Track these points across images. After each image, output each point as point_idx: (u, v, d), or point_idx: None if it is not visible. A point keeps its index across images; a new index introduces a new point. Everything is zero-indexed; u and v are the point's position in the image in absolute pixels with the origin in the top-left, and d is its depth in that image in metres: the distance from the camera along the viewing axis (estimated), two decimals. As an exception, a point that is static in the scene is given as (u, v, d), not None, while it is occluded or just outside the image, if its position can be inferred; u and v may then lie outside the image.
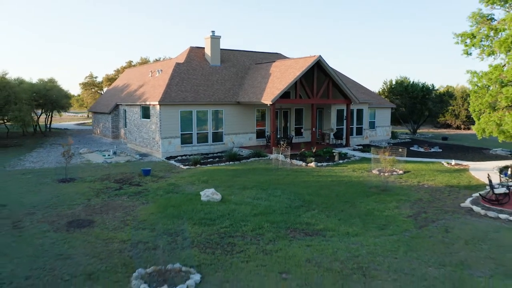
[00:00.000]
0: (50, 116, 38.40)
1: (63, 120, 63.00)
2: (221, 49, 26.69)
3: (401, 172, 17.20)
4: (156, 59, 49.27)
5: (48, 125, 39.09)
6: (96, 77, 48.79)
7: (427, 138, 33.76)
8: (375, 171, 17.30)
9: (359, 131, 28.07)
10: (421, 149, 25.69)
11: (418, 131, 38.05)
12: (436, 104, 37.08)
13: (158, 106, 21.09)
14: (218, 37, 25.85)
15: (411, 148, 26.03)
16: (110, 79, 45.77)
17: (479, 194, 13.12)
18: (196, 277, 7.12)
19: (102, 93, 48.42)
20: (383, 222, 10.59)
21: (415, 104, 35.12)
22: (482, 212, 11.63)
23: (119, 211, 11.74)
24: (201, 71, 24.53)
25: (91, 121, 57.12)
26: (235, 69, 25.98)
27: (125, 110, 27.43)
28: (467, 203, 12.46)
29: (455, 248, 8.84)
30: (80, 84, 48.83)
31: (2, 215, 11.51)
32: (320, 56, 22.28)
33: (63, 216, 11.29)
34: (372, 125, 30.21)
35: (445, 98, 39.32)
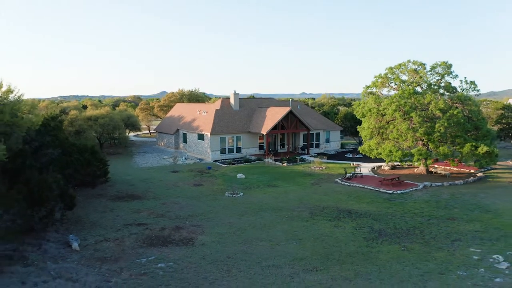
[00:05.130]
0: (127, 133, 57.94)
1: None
2: (239, 98, 46.00)
3: (324, 167, 36.41)
4: (190, 90, 69.07)
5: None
6: (148, 103, 68.61)
7: (365, 147, 52.71)
8: (312, 167, 36.55)
9: (318, 145, 47.38)
10: (351, 155, 44.84)
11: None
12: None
13: (209, 135, 40.49)
14: (238, 94, 45.21)
15: (345, 155, 45.20)
16: (161, 106, 65.53)
17: (342, 176, 32.32)
18: (242, 193, 26.54)
19: (153, 114, 68.16)
20: (300, 184, 29.90)
21: (358, 125, 54.17)
22: (341, 182, 30.77)
23: (208, 181, 31.16)
24: (229, 114, 43.90)
25: (142, 133, 76.74)
26: (247, 111, 45.31)
27: (184, 133, 46.82)
28: (337, 180, 31.62)
29: (317, 190, 28.07)
30: (138, 108, 68.70)
31: (166, 183, 30.87)
32: (291, 108, 41.61)
33: (190, 183, 30.69)
34: (327, 140, 49.38)
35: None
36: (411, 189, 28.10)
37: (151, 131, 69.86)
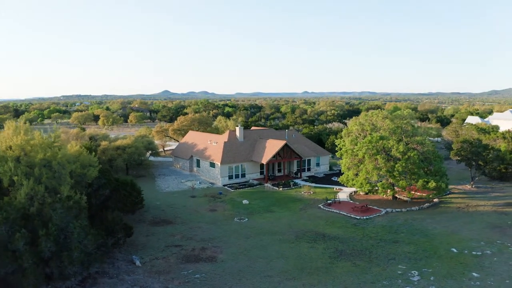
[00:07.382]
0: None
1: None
2: (243, 130, 54.70)
3: (312, 192, 44.98)
4: (199, 114, 77.73)
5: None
6: (162, 126, 77.58)
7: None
8: (302, 192, 45.12)
9: (309, 169, 56.02)
10: (336, 179, 53.33)
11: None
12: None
13: (219, 164, 49.18)
14: (242, 127, 53.93)
15: (332, 178, 53.74)
16: (174, 129, 74.43)
17: (324, 202, 40.88)
18: (246, 219, 35.20)
19: (167, 135, 77.01)
20: (291, 209, 38.48)
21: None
22: (323, 208, 39.31)
23: (220, 207, 39.79)
24: (235, 145, 52.56)
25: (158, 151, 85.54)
26: (250, 142, 53.96)
27: (198, 160, 55.49)
28: (320, 205, 40.18)
29: (303, 215, 36.66)
30: (154, 131, 77.72)
31: (189, 208, 39.54)
32: (287, 142, 50.28)
33: (206, 208, 39.27)
34: (318, 164, 57.96)
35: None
36: (375, 215, 36.59)
37: (165, 150, 78.53)
